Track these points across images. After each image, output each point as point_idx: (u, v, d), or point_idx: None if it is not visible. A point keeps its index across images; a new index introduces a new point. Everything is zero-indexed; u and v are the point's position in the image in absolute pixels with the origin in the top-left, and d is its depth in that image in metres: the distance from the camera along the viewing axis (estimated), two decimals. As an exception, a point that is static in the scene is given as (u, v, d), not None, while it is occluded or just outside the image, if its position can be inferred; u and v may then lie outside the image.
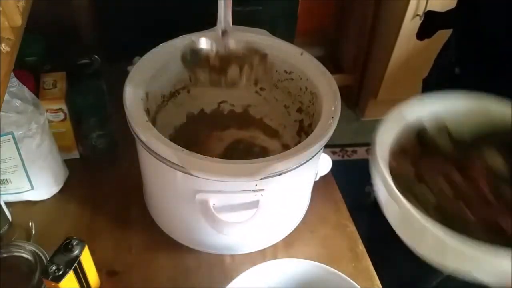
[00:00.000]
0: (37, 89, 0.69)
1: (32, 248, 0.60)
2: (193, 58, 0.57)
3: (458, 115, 0.46)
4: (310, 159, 0.55)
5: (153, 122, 0.64)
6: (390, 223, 0.43)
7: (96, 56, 0.77)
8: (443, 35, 0.76)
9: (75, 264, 0.52)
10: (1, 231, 0.65)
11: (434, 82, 0.74)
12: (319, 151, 0.58)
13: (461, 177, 0.41)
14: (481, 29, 0.60)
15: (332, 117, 0.57)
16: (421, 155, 0.45)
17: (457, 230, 0.36)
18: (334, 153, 1.76)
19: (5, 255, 0.60)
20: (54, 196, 0.71)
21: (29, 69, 0.71)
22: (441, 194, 0.41)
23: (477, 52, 0.60)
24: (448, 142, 0.45)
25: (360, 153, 1.77)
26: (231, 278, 0.52)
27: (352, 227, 0.70)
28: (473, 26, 0.62)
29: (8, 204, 0.67)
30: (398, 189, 0.38)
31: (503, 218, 0.38)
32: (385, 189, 0.40)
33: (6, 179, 0.66)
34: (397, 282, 0.80)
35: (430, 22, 0.77)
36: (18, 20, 0.44)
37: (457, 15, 0.68)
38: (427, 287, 0.80)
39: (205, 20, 0.68)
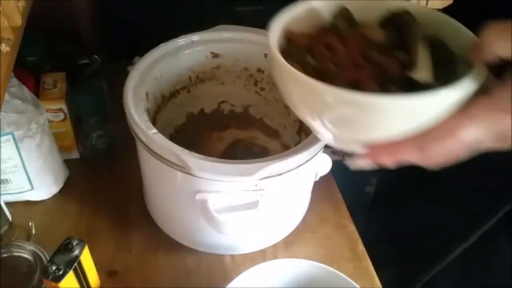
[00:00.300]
0: (37, 89, 0.69)
1: (32, 248, 0.60)
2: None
3: (363, 6, 0.48)
4: (310, 159, 0.55)
5: (153, 122, 0.64)
6: (284, 97, 0.44)
7: (96, 56, 0.77)
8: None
9: (75, 264, 0.52)
10: (1, 231, 0.65)
11: None
12: (319, 151, 0.58)
13: (342, 45, 0.43)
14: (480, 22, 0.60)
15: (332, 117, 0.57)
16: (319, 35, 0.47)
17: None
18: (334, 153, 1.75)
19: (5, 255, 0.60)
20: (54, 196, 0.71)
21: (29, 69, 0.71)
22: (320, 58, 0.43)
23: None
24: (347, 25, 0.47)
25: (360, 153, 1.77)
26: (231, 278, 0.52)
27: (352, 227, 0.70)
28: (471, 22, 0.62)
29: (8, 204, 0.67)
30: (288, 61, 0.40)
31: (363, 77, 0.40)
32: (273, 59, 0.41)
33: (6, 179, 0.66)
34: (397, 282, 0.80)
35: None
36: (18, 20, 0.44)
37: (455, 11, 0.68)
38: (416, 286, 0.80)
39: (205, 20, 0.68)
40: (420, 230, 0.80)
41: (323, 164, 0.65)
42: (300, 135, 0.70)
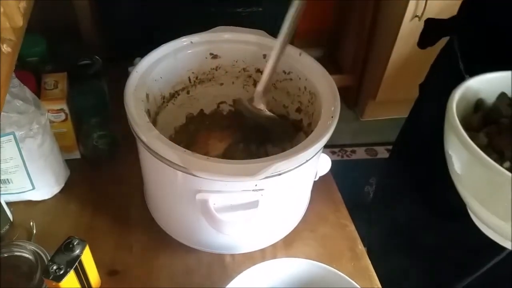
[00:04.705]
0: (38, 90, 0.69)
1: (33, 247, 0.61)
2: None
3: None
4: (310, 159, 0.55)
5: (154, 123, 0.64)
6: (469, 192, 0.45)
7: (97, 57, 0.78)
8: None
9: (76, 263, 0.53)
10: (2, 231, 0.65)
11: (436, 88, 0.73)
12: (318, 151, 0.58)
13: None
14: (489, 33, 0.59)
15: (332, 117, 0.57)
16: (483, 123, 0.48)
17: None
18: (333, 153, 1.76)
19: (6, 255, 0.60)
20: (55, 196, 0.71)
21: (31, 69, 0.72)
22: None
23: (485, 55, 0.60)
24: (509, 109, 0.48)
25: (359, 153, 1.77)
26: (231, 278, 0.52)
27: (351, 227, 0.70)
28: (479, 31, 0.62)
29: (9, 204, 0.67)
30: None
31: None
32: (468, 154, 0.42)
33: (8, 179, 0.66)
34: (396, 282, 0.81)
35: (432, 30, 0.77)
36: (20, 21, 0.44)
37: (460, 22, 0.67)
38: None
39: (204, 21, 0.68)
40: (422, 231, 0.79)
41: (323, 164, 0.65)
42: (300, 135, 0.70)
